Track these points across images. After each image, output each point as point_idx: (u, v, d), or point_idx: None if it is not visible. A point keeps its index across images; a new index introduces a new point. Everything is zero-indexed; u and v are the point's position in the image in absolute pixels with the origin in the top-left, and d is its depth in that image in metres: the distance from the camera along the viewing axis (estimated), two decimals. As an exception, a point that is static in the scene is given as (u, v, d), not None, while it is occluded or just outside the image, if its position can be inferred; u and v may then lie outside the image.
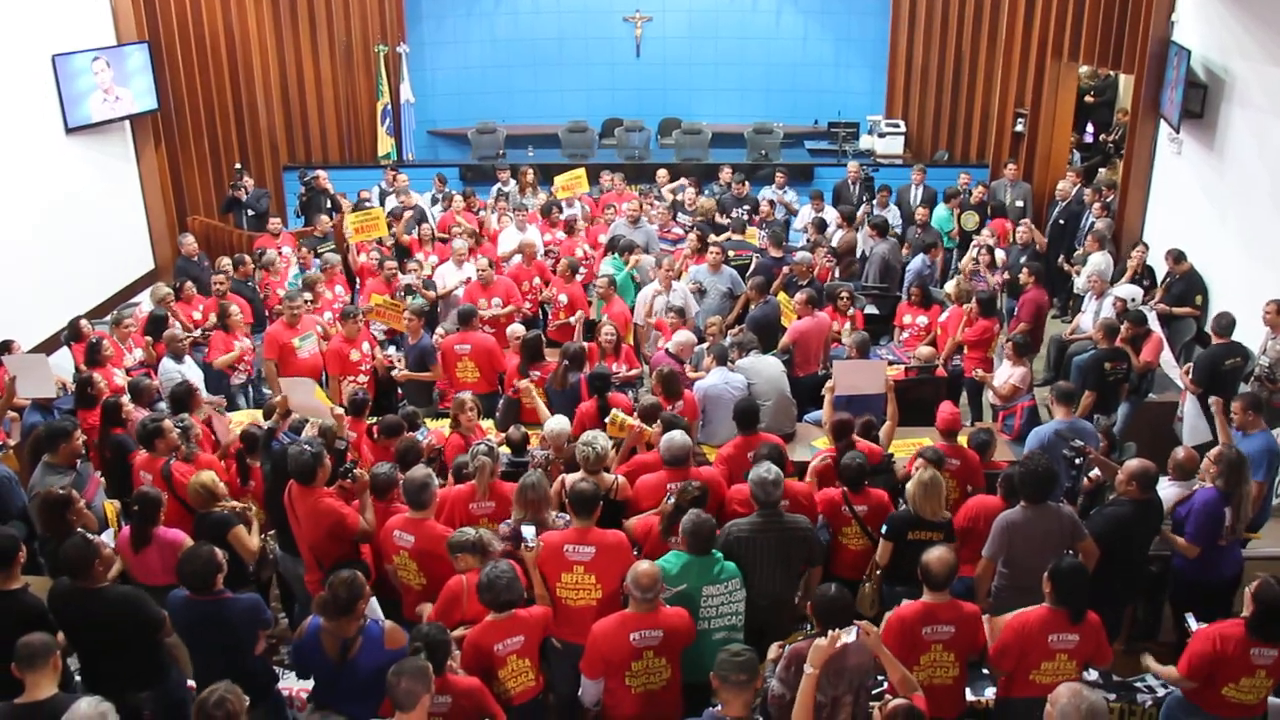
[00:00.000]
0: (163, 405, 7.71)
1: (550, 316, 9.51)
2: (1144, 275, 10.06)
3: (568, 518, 5.42)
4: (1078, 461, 6.06)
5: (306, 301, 8.83)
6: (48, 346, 9.45)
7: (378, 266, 9.89)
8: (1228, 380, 7.66)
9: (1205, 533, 5.65)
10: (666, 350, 7.81)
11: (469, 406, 6.79)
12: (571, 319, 9.04)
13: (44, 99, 10.77)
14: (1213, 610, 5.09)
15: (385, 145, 14.37)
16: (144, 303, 9.78)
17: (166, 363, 7.97)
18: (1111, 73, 14.30)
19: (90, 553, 4.77)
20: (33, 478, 6.21)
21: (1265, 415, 6.57)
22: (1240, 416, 6.39)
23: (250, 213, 12.25)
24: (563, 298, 9.29)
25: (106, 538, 5.59)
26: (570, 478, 5.70)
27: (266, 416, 6.69)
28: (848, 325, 8.57)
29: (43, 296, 10.15)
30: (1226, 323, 7.88)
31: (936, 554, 4.63)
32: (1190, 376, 7.69)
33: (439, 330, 8.93)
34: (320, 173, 12.56)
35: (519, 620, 4.62)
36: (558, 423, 6.42)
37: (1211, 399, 6.85)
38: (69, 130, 11.09)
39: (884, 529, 5.49)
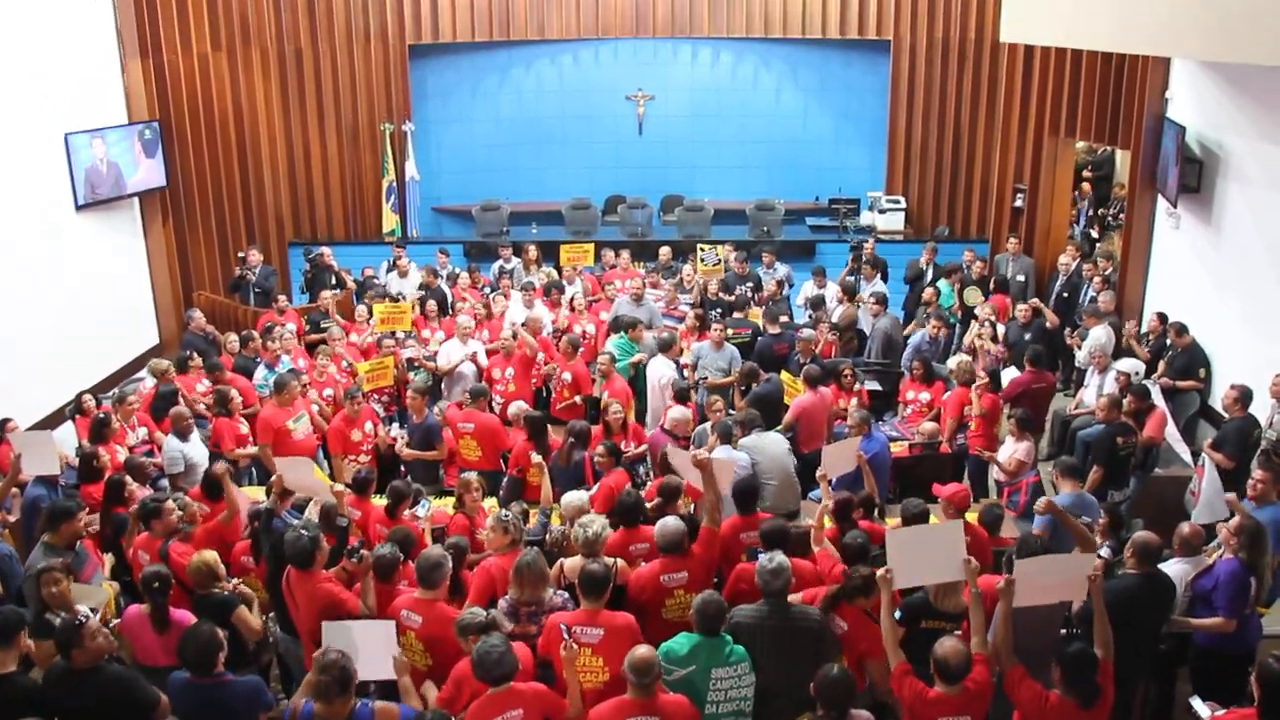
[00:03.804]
0: (164, 484, 7.70)
1: (555, 395, 9.50)
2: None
3: (565, 595, 5.40)
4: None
5: (302, 383, 8.78)
6: (52, 421, 9.45)
7: (377, 344, 9.96)
8: (1255, 453, 7.67)
9: (1238, 604, 5.59)
10: (663, 428, 7.80)
11: (474, 487, 6.73)
12: (577, 398, 9.07)
13: (56, 176, 10.92)
14: (1233, 683, 4.98)
15: (390, 222, 14.49)
16: (146, 379, 9.77)
17: (171, 441, 7.91)
18: (1108, 147, 14.48)
19: (77, 631, 4.69)
20: (30, 557, 6.14)
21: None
22: (1263, 488, 6.36)
23: (257, 290, 12.33)
24: (566, 375, 9.29)
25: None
26: (568, 563, 5.69)
27: (268, 495, 6.65)
28: (854, 402, 8.54)
29: (48, 371, 10.17)
30: (1246, 396, 7.89)
31: (950, 646, 4.54)
32: (1222, 450, 7.63)
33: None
34: (325, 249, 12.68)
35: (515, 694, 4.53)
36: (576, 498, 6.39)
37: (1210, 451, 6.83)
38: (79, 207, 11.23)
39: (897, 614, 5.39)
